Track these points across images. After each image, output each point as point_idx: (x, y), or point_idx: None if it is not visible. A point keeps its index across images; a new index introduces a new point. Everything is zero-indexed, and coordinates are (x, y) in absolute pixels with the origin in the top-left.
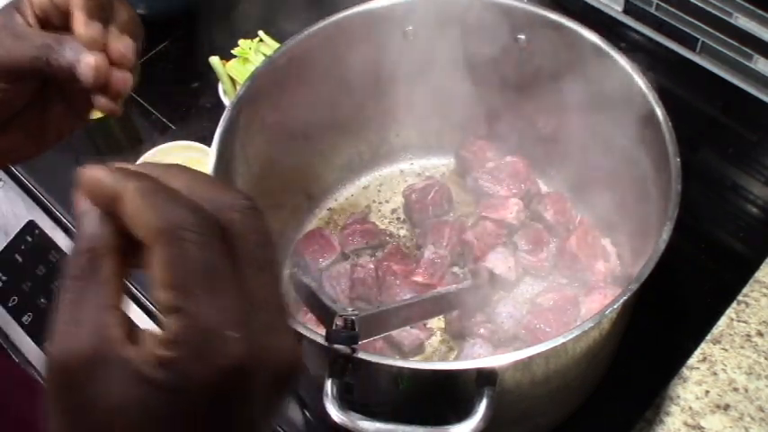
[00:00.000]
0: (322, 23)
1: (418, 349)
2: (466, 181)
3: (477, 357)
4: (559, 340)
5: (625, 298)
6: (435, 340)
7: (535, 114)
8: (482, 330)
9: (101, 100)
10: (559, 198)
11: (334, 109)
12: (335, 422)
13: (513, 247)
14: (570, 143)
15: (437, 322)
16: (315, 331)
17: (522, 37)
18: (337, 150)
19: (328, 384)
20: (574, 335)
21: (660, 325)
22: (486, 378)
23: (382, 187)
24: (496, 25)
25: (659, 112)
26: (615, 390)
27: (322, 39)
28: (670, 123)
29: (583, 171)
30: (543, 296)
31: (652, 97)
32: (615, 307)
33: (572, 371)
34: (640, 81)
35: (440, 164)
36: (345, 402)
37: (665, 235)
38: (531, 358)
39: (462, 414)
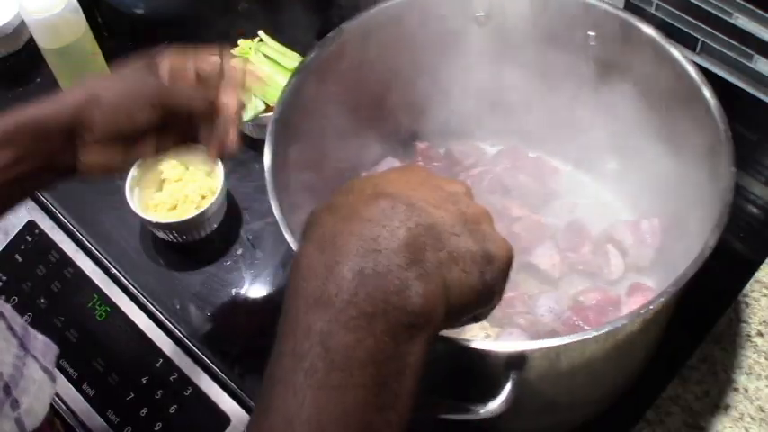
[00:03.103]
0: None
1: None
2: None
3: None
4: (591, 333)
5: (662, 300)
6: (474, 325)
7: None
8: (521, 320)
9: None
10: None
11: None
12: None
13: (557, 243)
14: (623, 139)
15: None
16: None
17: (592, 34)
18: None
19: None
20: (605, 329)
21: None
22: (514, 362)
23: None
24: (565, 21)
25: (716, 111)
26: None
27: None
28: (728, 128)
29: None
30: (585, 294)
31: (709, 93)
32: (651, 307)
33: (601, 367)
34: (697, 78)
35: (493, 150)
36: None
37: (711, 241)
38: (566, 346)
39: (484, 395)
